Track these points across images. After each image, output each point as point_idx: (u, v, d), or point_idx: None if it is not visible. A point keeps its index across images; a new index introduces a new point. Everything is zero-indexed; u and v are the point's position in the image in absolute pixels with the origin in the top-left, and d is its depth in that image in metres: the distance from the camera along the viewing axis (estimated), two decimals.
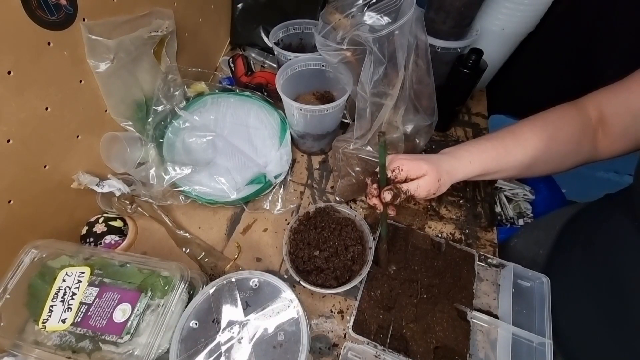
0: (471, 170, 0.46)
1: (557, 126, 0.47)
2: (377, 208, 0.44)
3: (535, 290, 0.51)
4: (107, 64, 0.49)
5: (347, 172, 0.59)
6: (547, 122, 0.47)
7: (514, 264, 0.52)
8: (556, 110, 0.48)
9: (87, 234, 0.54)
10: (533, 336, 0.46)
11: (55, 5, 0.41)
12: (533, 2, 0.64)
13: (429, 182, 0.43)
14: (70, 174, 0.52)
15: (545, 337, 0.46)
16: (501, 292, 0.52)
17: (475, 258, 0.53)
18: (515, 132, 0.48)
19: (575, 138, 0.46)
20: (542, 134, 0.46)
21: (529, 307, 0.50)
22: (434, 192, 0.44)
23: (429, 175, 0.43)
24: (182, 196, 0.58)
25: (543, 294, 0.50)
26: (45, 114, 0.45)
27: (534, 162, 0.47)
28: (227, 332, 0.42)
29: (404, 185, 0.43)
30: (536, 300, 0.50)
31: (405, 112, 0.54)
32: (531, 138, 0.46)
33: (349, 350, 0.46)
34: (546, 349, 0.45)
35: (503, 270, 0.54)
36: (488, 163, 0.46)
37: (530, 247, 0.63)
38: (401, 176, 0.43)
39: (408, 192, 0.42)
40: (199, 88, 0.68)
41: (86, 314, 0.40)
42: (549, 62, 0.90)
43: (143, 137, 0.58)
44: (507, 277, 0.52)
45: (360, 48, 0.48)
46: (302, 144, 0.69)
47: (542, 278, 0.51)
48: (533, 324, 0.48)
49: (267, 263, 0.57)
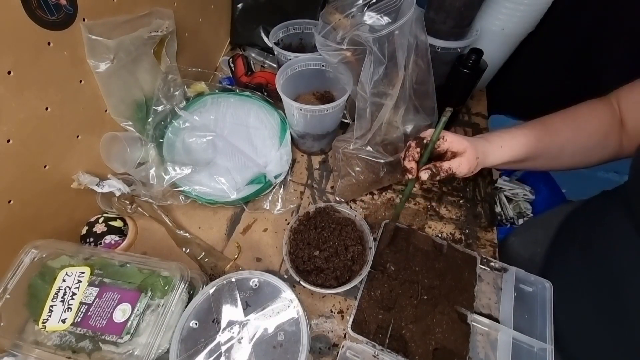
0: (501, 156, 0.46)
1: (586, 119, 0.47)
2: (409, 172, 0.43)
3: (537, 295, 0.51)
4: (107, 64, 0.49)
5: (347, 172, 0.59)
6: (578, 114, 0.48)
7: (516, 268, 0.52)
8: (586, 104, 0.48)
9: (87, 234, 0.54)
10: (534, 341, 0.46)
11: (55, 5, 0.41)
12: (533, 2, 0.64)
13: (469, 159, 0.42)
14: (70, 174, 0.52)
15: (546, 343, 0.45)
16: (503, 295, 0.52)
17: (477, 261, 0.53)
18: (546, 121, 0.48)
19: (602, 131, 0.46)
20: (572, 124, 0.47)
21: (531, 312, 0.50)
22: (472, 169, 0.43)
23: (469, 152, 0.42)
24: (182, 196, 0.58)
25: (545, 299, 0.49)
26: (45, 114, 0.45)
27: (561, 152, 0.47)
28: (227, 332, 0.42)
29: (445, 163, 0.42)
30: (538, 305, 0.50)
31: (405, 112, 0.54)
32: (561, 128, 0.47)
33: (348, 349, 0.46)
34: (547, 354, 0.45)
35: (505, 274, 0.54)
36: (518, 149, 0.46)
37: (527, 246, 0.63)
38: (443, 146, 0.43)
39: (450, 169, 0.42)
40: (199, 88, 0.68)
41: (86, 314, 0.40)
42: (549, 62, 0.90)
43: (143, 137, 0.58)
44: (509, 281, 0.52)
45: (360, 48, 0.48)
46: (302, 144, 0.69)
47: (544, 283, 0.50)
48: (534, 329, 0.48)
49: (267, 263, 0.57)
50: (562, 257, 0.55)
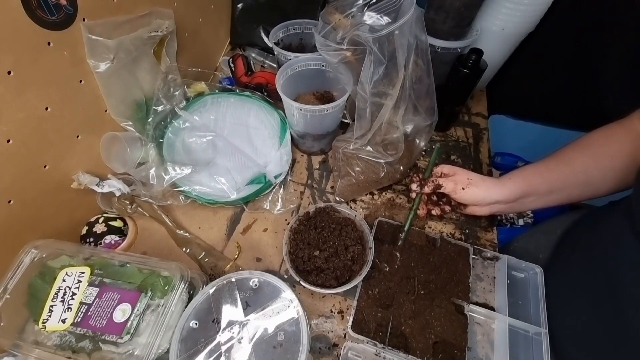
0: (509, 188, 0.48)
1: (603, 143, 0.47)
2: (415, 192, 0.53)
3: (529, 281, 0.52)
4: (107, 64, 0.49)
5: (347, 172, 0.59)
6: (590, 141, 0.48)
7: (507, 256, 0.53)
8: (598, 130, 0.49)
9: (87, 234, 0.54)
10: (529, 326, 0.47)
11: (55, 5, 0.41)
12: (533, 2, 0.64)
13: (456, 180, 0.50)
14: (70, 174, 0.52)
15: (540, 327, 0.46)
16: (497, 284, 0.53)
17: (470, 252, 0.54)
18: (557, 154, 0.50)
19: (626, 152, 0.45)
20: (586, 151, 0.47)
21: (524, 297, 0.51)
22: (462, 186, 0.50)
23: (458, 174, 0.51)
24: (182, 196, 0.58)
25: (537, 284, 0.50)
26: (45, 114, 0.45)
27: (588, 179, 0.47)
28: (227, 332, 0.42)
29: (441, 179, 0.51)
30: (531, 290, 0.51)
31: (405, 112, 0.54)
32: (575, 156, 0.48)
33: (349, 350, 0.46)
34: (542, 338, 0.46)
35: (497, 263, 0.55)
36: (529, 179, 0.48)
37: (530, 251, 0.63)
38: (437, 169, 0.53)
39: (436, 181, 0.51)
40: (199, 88, 0.68)
41: (86, 314, 0.40)
42: (549, 62, 0.90)
43: (143, 137, 0.58)
44: (502, 269, 0.53)
45: (360, 48, 0.48)
46: (302, 144, 0.69)
47: (535, 269, 0.52)
48: (529, 314, 0.49)
49: (267, 263, 0.57)
50: (563, 260, 0.55)
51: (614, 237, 0.46)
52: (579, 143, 0.49)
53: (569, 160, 0.48)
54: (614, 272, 0.43)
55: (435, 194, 0.54)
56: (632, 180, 0.46)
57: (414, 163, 0.66)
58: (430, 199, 0.55)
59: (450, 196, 0.52)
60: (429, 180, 0.51)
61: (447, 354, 0.45)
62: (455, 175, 0.51)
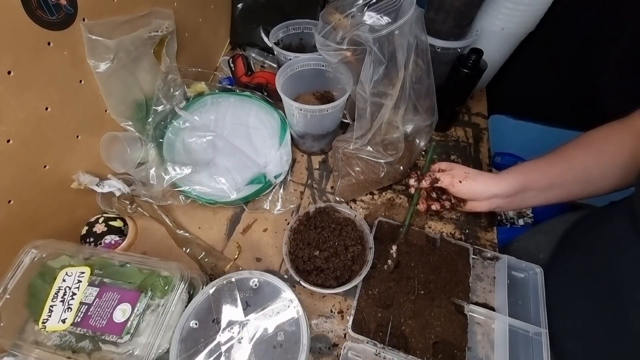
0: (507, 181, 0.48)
1: (603, 141, 0.47)
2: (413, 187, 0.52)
3: (529, 281, 0.52)
4: (107, 64, 0.49)
5: (347, 172, 0.59)
6: (591, 139, 0.48)
7: (507, 256, 0.53)
8: (599, 129, 0.49)
9: (87, 234, 0.54)
10: (529, 326, 0.47)
11: (55, 5, 0.41)
12: (533, 2, 0.64)
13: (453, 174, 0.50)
14: (70, 174, 0.52)
15: (540, 327, 0.46)
16: (497, 284, 0.53)
17: (470, 252, 0.54)
18: (557, 151, 0.49)
19: (627, 149, 0.45)
20: (587, 148, 0.47)
21: (524, 297, 0.51)
22: (459, 179, 0.49)
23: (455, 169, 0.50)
24: (182, 196, 0.58)
25: (537, 284, 0.50)
26: (45, 114, 0.45)
27: (589, 176, 0.47)
28: (227, 332, 0.42)
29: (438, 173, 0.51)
30: (530, 290, 0.51)
31: (405, 112, 0.54)
32: (575, 154, 0.47)
33: (349, 350, 0.46)
34: (542, 338, 0.45)
35: (497, 263, 0.55)
36: (528, 173, 0.48)
37: (530, 252, 0.63)
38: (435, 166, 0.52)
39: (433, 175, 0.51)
40: (199, 88, 0.68)
41: (86, 314, 0.40)
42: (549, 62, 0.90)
43: (143, 137, 0.58)
44: (502, 269, 0.53)
45: (360, 48, 0.48)
46: (302, 144, 0.69)
47: (535, 269, 0.52)
48: (529, 314, 0.49)
49: (267, 263, 0.57)
50: (564, 260, 0.55)
51: (615, 237, 0.46)
52: (580, 140, 0.49)
53: (569, 157, 0.48)
54: (615, 272, 0.43)
55: (434, 191, 0.54)
56: (633, 178, 0.46)
57: (414, 163, 0.66)
58: (429, 195, 0.54)
59: (449, 190, 0.51)
60: (426, 175, 0.51)
61: (447, 354, 0.45)
62: (452, 170, 0.51)
